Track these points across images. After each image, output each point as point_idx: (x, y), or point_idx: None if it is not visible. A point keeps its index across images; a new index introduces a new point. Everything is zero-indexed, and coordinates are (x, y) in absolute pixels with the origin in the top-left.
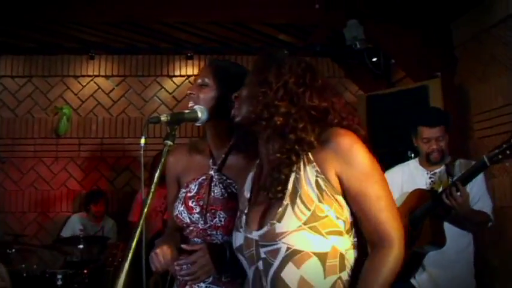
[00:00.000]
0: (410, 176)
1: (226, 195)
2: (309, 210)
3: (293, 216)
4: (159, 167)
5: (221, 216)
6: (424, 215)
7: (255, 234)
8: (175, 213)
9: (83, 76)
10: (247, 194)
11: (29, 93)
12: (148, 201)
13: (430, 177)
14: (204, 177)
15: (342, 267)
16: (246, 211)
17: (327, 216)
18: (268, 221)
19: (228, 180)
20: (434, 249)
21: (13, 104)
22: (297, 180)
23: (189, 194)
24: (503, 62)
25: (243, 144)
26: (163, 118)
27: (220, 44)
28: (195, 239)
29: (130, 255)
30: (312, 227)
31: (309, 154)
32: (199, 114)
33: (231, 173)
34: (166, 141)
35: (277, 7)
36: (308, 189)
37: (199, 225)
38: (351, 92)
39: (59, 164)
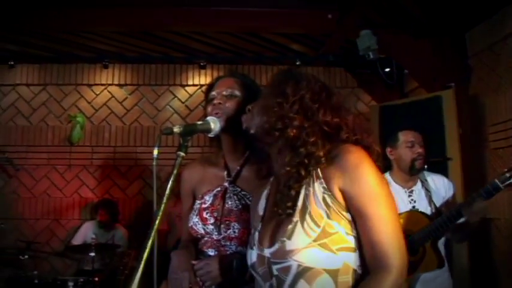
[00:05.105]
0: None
1: (240, 206)
2: (319, 226)
3: (303, 233)
4: (172, 178)
5: (235, 227)
6: (424, 239)
7: (266, 252)
8: (190, 224)
9: (97, 85)
10: (260, 212)
11: (43, 101)
12: (160, 212)
13: (409, 196)
14: (218, 189)
15: (356, 284)
16: (259, 228)
17: (337, 232)
18: (278, 238)
19: (243, 192)
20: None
21: (28, 111)
22: (306, 197)
23: (203, 206)
24: None
25: (257, 160)
26: (176, 129)
27: (233, 54)
28: (210, 250)
29: (142, 263)
30: (322, 244)
31: (318, 170)
32: (212, 126)
33: (246, 184)
34: (179, 153)
35: (290, 17)
36: (317, 206)
37: (214, 236)
38: (363, 102)
39: (71, 171)
